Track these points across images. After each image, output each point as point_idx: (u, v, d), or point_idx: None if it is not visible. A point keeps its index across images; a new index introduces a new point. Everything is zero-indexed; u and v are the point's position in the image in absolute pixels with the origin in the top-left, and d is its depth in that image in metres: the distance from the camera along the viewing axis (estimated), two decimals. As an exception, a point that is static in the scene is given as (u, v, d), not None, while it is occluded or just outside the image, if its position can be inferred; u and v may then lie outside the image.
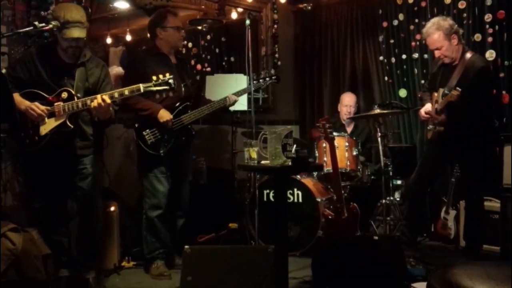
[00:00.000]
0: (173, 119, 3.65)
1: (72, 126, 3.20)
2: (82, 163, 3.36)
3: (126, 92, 3.16)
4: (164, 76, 3.17)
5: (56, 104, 3.18)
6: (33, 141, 3.21)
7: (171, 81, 3.16)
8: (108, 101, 3.12)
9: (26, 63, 3.27)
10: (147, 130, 3.66)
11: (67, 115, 3.18)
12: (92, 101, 3.13)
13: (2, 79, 2.32)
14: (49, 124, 3.19)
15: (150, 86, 3.15)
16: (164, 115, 3.61)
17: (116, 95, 3.16)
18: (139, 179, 3.84)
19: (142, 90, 3.15)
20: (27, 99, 3.18)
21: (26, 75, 3.25)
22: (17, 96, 3.15)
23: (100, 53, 5.27)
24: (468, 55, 3.74)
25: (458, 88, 3.53)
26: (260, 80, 4.26)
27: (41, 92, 3.21)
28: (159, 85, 3.16)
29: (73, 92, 3.20)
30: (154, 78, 3.16)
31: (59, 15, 3.11)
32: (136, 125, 3.72)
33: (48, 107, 3.18)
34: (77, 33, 3.13)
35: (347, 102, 5.09)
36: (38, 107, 3.15)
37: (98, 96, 3.13)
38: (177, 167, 3.83)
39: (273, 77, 4.35)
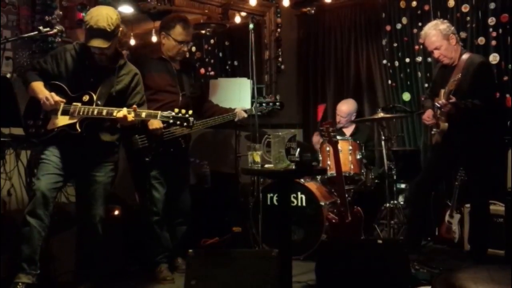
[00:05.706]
0: (163, 129, 3.54)
1: (79, 130, 3.11)
2: (92, 170, 3.24)
3: (143, 115, 3.12)
4: (187, 112, 3.07)
5: (74, 103, 3.12)
6: (38, 132, 3.15)
7: (191, 119, 3.08)
8: (131, 118, 3.06)
9: (58, 58, 3.21)
10: (136, 136, 3.58)
11: (80, 118, 3.11)
12: (108, 112, 3.08)
13: (7, 84, 2.34)
14: (60, 121, 3.12)
15: (168, 117, 3.08)
16: (154, 122, 3.47)
17: (132, 114, 3.09)
18: (135, 187, 3.82)
19: (158, 118, 3.11)
20: (51, 90, 3.11)
21: (55, 70, 3.19)
22: (39, 85, 3.11)
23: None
24: (466, 55, 3.75)
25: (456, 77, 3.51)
26: (263, 104, 4.17)
27: (65, 87, 3.16)
28: (178, 119, 3.08)
29: (94, 98, 3.13)
30: (176, 110, 3.08)
31: (87, 19, 3.04)
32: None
33: (64, 100, 3.11)
34: (97, 43, 3.04)
35: (338, 111, 5.00)
36: (53, 97, 3.06)
37: (123, 110, 3.07)
38: (173, 175, 3.78)
39: (277, 103, 4.23)
